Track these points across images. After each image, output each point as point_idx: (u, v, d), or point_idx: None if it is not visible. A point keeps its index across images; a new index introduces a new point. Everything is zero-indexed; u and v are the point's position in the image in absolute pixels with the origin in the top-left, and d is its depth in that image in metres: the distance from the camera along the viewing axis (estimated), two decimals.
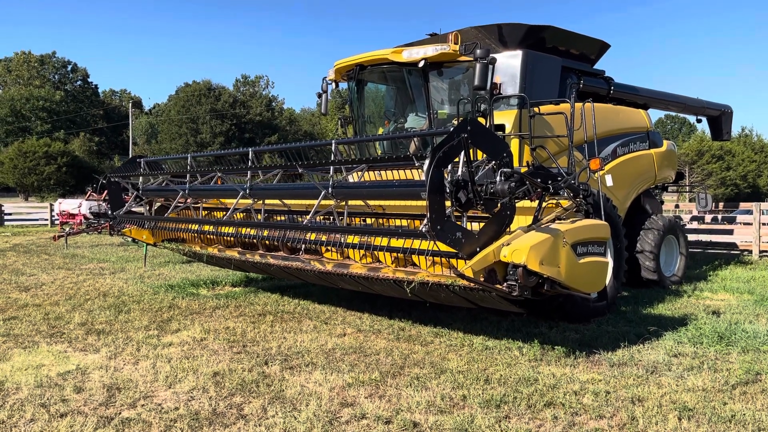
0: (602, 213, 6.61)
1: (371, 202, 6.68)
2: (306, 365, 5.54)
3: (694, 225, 14.19)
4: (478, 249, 4.76)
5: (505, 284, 4.83)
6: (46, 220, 27.44)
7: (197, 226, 8.11)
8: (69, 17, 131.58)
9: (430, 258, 5.41)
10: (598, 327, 6.92)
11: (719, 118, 12.33)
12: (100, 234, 19.65)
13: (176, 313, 7.85)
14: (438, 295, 5.49)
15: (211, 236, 8.32)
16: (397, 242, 5.49)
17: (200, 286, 9.95)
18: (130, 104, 71.00)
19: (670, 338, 6.28)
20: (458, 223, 4.91)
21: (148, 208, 9.50)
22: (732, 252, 13.78)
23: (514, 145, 7.66)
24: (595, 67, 9.51)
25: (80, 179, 52.02)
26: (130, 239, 11.37)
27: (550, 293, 5.10)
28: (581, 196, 5.68)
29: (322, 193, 5.91)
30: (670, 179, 10.76)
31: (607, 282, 7.24)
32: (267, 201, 7.60)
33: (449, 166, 4.61)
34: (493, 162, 4.72)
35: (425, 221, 4.64)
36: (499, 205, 4.82)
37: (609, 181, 8.09)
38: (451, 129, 4.56)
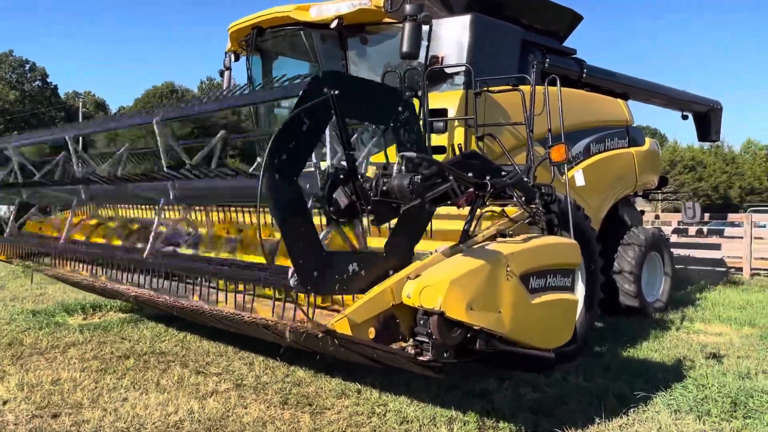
0: (571, 226, 4.81)
1: None
2: None
3: (674, 238, 12.54)
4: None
5: (410, 342, 2.97)
6: None
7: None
8: (29, 16, 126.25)
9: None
10: (564, 380, 5.11)
11: (707, 115, 10.70)
12: None
13: (11, 353, 5.90)
14: (322, 346, 3.60)
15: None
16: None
17: (76, 311, 7.95)
18: (80, 103, 68.08)
19: (663, 404, 4.47)
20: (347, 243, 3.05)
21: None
22: (717, 269, 12.16)
23: (459, 135, 5.84)
24: (565, 44, 7.77)
25: None
26: None
27: (487, 351, 3.25)
28: (539, 201, 3.86)
29: (161, 200, 4.00)
30: (652, 185, 9.06)
31: (577, 317, 5.44)
32: None
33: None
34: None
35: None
36: (401, 212, 2.96)
37: (580, 179, 6.29)
38: (302, 84, 2.72)
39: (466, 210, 3.32)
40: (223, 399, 4.64)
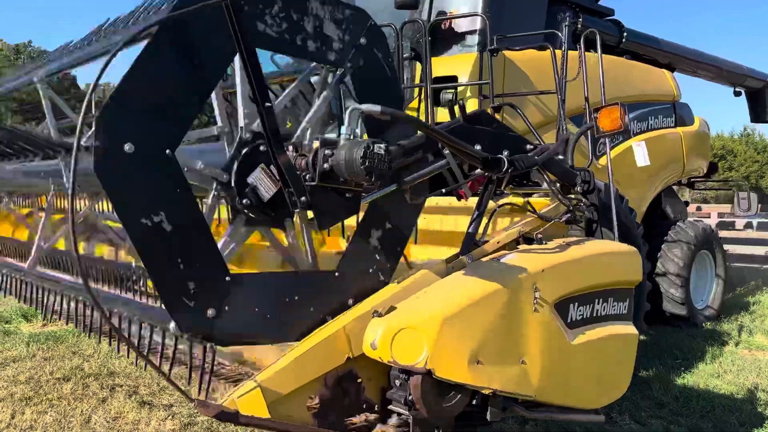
0: (615, 224, 3.61)
1: None
2: None
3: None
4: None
5: (382, 419, 1.85)
6: None
7: None
8: (48, 6, 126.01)
9: None
10: (607, 419, 3.96)
11: (763, 91, 9.33)
12: None
13: None
14: None
15: None
16: None
17: (36, 317, 6.99)
18: (103, 91, 68.16)
19: None
20: None
21: None
22: (764, 266, 10.83)
23: (472, 107, 4.68)
24: (601, 3, 6.54)
25: None
26: None
27: (507, 416, 2.13)
28: (581, 187, 2.70)
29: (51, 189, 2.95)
30: (700, 171, 7.78)
31: None
32: None
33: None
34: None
35: None
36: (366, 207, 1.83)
37: (643, 156, 5.00)
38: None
39: (472, 202, 2.20)
40: None
